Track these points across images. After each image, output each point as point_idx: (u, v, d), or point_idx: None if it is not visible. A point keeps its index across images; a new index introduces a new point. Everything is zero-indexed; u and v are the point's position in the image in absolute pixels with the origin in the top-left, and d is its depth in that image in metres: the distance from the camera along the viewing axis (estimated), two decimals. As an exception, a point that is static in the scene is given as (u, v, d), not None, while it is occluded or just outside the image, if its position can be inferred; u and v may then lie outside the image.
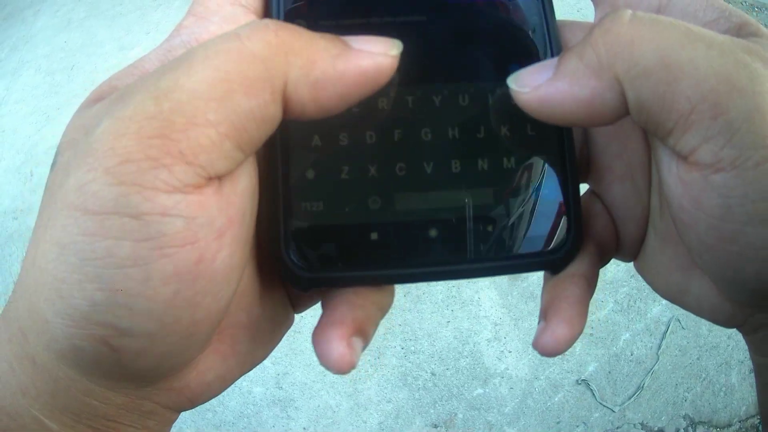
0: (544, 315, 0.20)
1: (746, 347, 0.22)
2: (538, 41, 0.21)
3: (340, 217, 0.19)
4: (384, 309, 0.21)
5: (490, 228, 0.19)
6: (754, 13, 1.89)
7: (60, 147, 0.17)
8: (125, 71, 0.18)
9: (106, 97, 0.17)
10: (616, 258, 0.23)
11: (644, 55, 0.16)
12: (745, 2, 1.85)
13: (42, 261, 0.15)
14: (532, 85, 0.18)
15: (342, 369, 0.18)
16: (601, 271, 0.22)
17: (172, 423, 0.20)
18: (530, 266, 0.20)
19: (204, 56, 0.15)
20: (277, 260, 0.19)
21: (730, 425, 1.41)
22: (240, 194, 0.16)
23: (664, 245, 0.21)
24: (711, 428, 1.39)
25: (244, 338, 0.20)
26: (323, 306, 0.20)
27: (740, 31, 0.18)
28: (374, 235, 0.19)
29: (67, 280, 0.15)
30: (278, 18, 0.20)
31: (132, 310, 0.15)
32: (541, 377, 1.25)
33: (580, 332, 0.20)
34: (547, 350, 0.20)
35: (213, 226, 0.15)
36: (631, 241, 0.22)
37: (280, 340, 0.22)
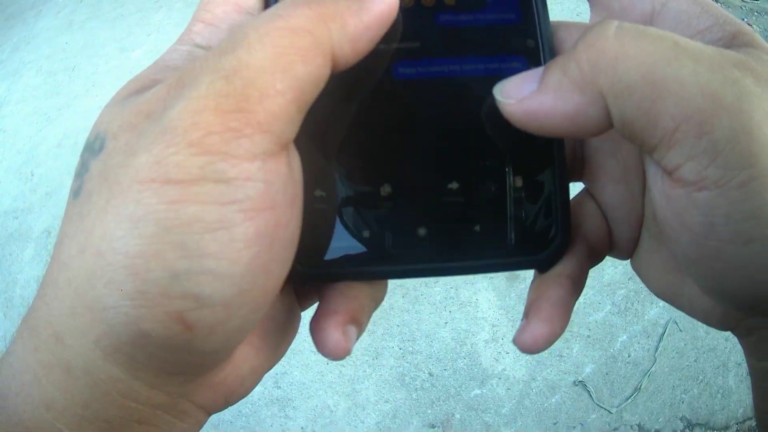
0: (526, 313, 0.21)
1: (743, 350, 0.22)
2: (530, 39, 0.21)
3: (333, 214, 0.20)
4: (377, 300, 0.21)
5: (478, 227, 0.20)
6: (754, 17, 1.89)
7: (107, 133, 0.17)
8: (155, 67, 0.19)
9: (149, 88, 0.18)
10: (611, 256, 0.23)
11: (628, 71, 0.16)
12: (745, 7, 1.86)
13: (100, 245, 0.15)
14: (517, 97, 0.18)
15: (338, 355, 0.19)
16: (599, 272, 0.22)
17: (201, 426, 0.20)
18: (517, 265, 0.21)
19: (258, 36, 0.16)
20: None
21: (727, 428, 1.41)
22: (297, 168, 0.18)
23: (658, 246, 0.21)
24: (708, 430, 1.39)
25: (272, 330, 0.21)
26: (320, 298, 0.21)
27: (734, 40, 0.18)
28: (366, 233, 0.20)
29: (144, 254, 0.15)
30: None
31: (215, 275, 0.15)
32: (539, 378, 1.25)
33: (561, 332, 0.20)
34: (525, 347, 0.20)
35: (287, 192, 0.16)
36: (625, 240, 0.22)
37: (295, 336, 0.22)
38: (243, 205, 0.15)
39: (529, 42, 0.21)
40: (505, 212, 0.20)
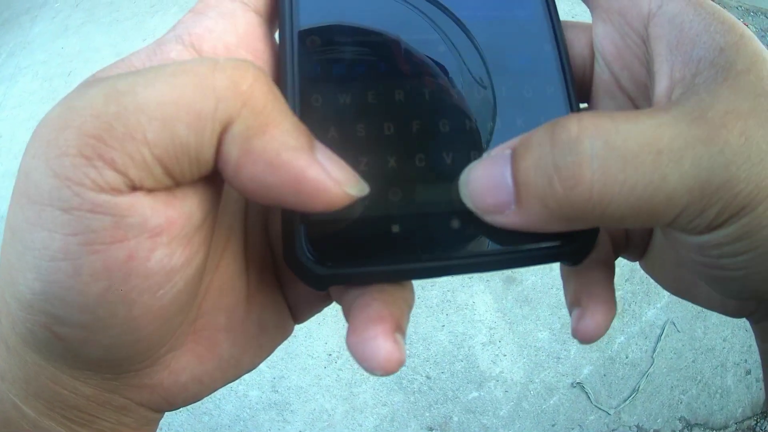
0: (578, 302, 0.20)
1: (742, 349, 0.23)
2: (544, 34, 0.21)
3: (359, 211, 0.18)
4: (411, 305, 0.19)
5: None
6: (750, 18, 1.89)
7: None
8: (114, 65, 0.18)
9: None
10: (623, 257, 0.23)
11: (615, 211, 0.16)
12: (740, 7, 1.86)
13: (3, 245, 0.15)
14: (492, 211, 0.17)
15: (392, 368, 0.17)
16: None
17: (155, 423, 0.20)
18: (551, 257, 0.20)
19: (170, 72, 0.14)
20: (293, 259, 0.18)
21: (726, 427, 1.41)
22: (182, 198, 0.16)
23: (671, 245, 0.22)
24: (707, 430, 1.38)
25: (225, 342, 0.19)
26: (350, 309, 0.19)
27: (720, 55, 0.18)
28: (395, 228, 0.18)
29: (15, 266, 0.15)
30: (289, 15, 0.19)
31: (65, 301, 0.15)
32: (536, 380, 1.25)
33: (614, 316, 0.20)
34: (588, 335, 0.20)
35: (145, 226, 0.15)
36: (638, 240, 0.23)
37: (274, 349, 0.21)
38: (86, 237, 0.14)
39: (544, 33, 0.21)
40: None
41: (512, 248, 0.19)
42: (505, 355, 1.26)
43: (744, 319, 0.23)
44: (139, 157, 0.14)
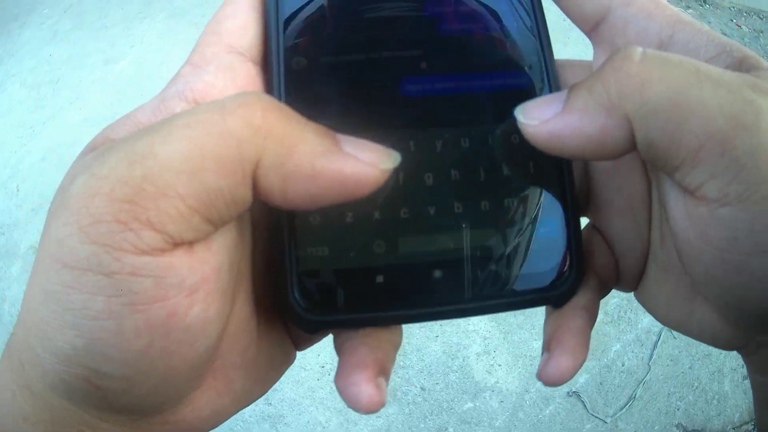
0: (548, 347, 0.21)
1: (738, 354, 0.22)
2: (536, 79, 0.21)
3: (346, 261, 0.19)
4: (397, 345, 0.21)
5: (493, 267, 0.20)
6: (743, 18, 1.89)
7: (56, 191, 0.17)
8: (120, 122, 0.19)
9: (99, 148, 0.17)
10: (616, 289, 0.24)
11: (655, 95, 0.16)
12: (733, 8, 1.86)
13: (31, 302, 0.16)
14: (541, 119, 0.18)
15: (373, 409, 0.18)
16: None
17: None
18: (534, 302, 0.21)
19: (184, 125, 0.15)
20: (284, 305, 0.19)
21: None
22: (215, 252, 0.17)
23: (666, 276, 0.22)
24: None
25: (239, 378, 0.20)
26: (340, 349, 0.20)
27: (741, 65, 0.19)
28: (380, 278, 0.19)
29: (51, 324, 0.15)
30: (278, 58, 0.20)
31: (108, 357, 0.15)
32: (532, 390, 1.24)
33: (583, 362, 0.21)
34: (551, 380, 0.20)
35: (184, 284, 0.15)
36: (631, 273, 0.23)
37: (280, 376, 0.23)
38: (128, 299, 0.15)
39: (536, 81, 0.21)
40: (521, 250, 0.20)
41: (497, 295, 0.20)
42: (500, 365, 1.25)
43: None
44: (174, 212, 0.15)
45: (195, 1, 2.04)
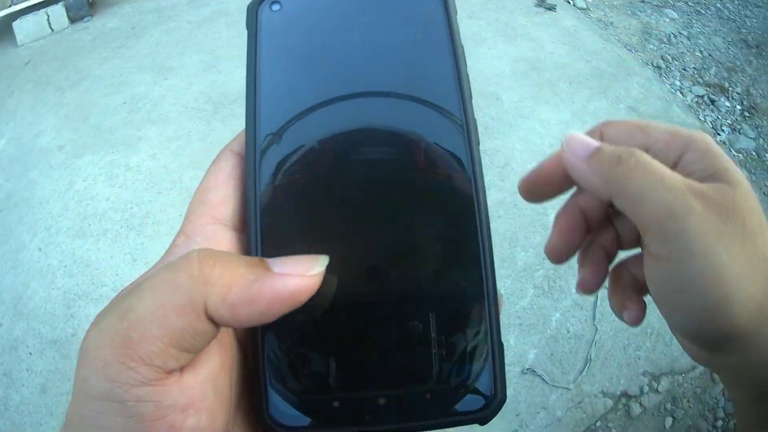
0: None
1: None
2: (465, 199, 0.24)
3: (309, 390, 0.23)
4: None
5: (428, 396, 0.23)
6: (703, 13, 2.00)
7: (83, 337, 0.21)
8: (132, 284, 0.22)
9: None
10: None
11: (629, 192, 0.24)
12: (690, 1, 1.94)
13: (73, 420, 0.20)
14: (575, 153, 0.26)
15: None
16: (511, 260, 0.29)
17: None
18: (461, 422, 0.24)
19: (149, 285, 0.19)
20: (261, 419, 0.23)
21: (694, 368, 1.42)
22: (201, 380, 0.20)
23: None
24: (675, 376, 1.39)
25: None
26: None
27: (715, 175, 0.25)
28: (336, 404, 0.23)
29: None
30: (254, 191, 0.23)
31: None
32: (487, 378, 1.27)
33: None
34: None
35: (177, 405, 0.19)
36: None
37: None
38: (139, 418, 0.19)
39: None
40: (452, 381, 0.23)
41: (431, 416, 0.24)
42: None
43: None
44: (156, 348, 0.19)
45: (57, 67, 2.18)
